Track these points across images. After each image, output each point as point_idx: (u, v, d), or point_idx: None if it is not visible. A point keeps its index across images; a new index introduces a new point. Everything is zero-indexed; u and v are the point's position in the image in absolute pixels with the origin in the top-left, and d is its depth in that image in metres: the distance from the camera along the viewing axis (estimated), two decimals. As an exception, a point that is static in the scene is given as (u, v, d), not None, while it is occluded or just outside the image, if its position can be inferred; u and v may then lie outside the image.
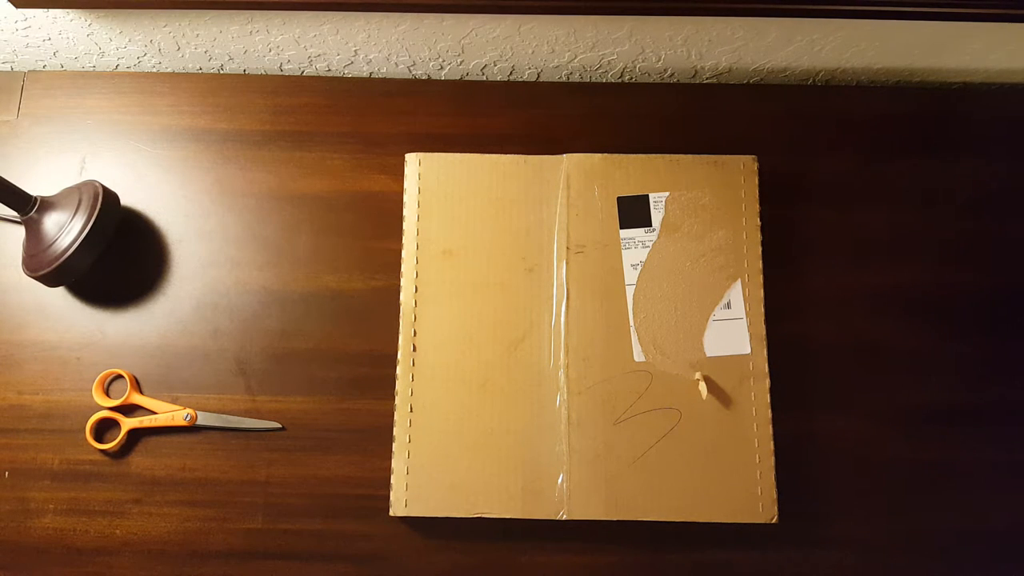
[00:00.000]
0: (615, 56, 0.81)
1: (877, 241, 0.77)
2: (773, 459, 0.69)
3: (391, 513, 0.68)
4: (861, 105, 0.82)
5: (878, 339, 0.75)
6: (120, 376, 0.73)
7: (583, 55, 0.81)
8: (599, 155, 0.74)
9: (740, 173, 0.74)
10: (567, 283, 0.72)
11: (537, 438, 0.69)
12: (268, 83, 0.81)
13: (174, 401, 0.73)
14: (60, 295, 0.75)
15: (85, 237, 0.70)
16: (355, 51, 0.81)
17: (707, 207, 0.74)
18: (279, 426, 0.72)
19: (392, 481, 0.69)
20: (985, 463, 0.72)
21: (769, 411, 0.69)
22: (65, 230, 0.70)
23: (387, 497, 0.69)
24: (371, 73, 0.85)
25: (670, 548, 0.70)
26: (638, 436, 0.69)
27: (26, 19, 0.76)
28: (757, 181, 0.74)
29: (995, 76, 0.84)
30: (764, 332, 0.71)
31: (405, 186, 0.75)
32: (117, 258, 0.75)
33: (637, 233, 0.73)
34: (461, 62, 0.83)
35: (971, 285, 0.76)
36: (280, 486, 0.71)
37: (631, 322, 0.71)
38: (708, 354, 0.71)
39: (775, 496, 0.68)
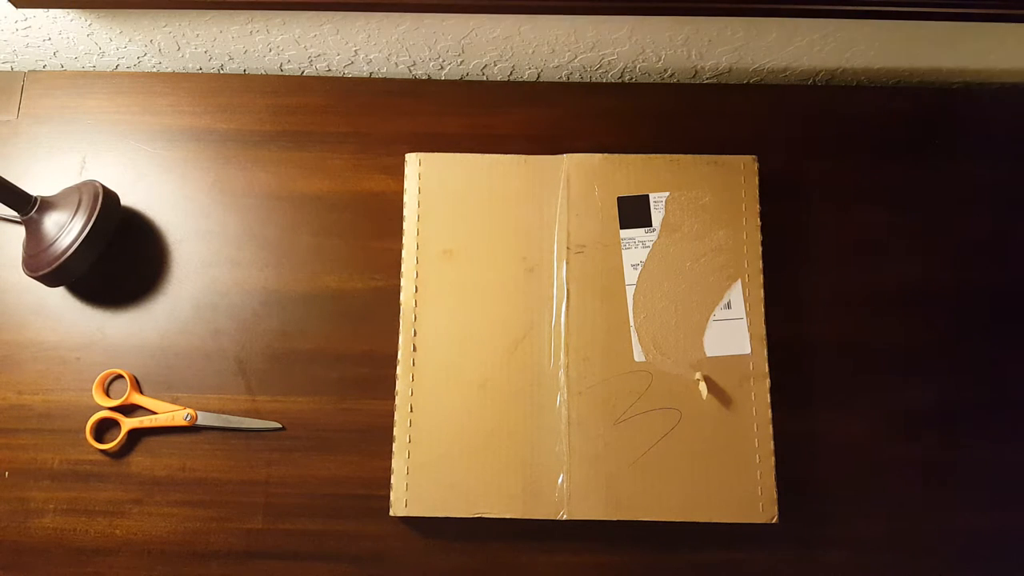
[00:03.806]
0: (615, 56, 0.81)
1: (877, 241, 0.77)
2: (773, 459, 0.69)
3: (391, 513, 0.68)
4: (861, 105, 0.82)
5: (878, 339, 0.75)
6: (120, 376, 0.73)
7: (583, 55, 0.81)
8: (599, 155, 0.74)
9: (740, 173, 0.74)
10: (567, 283, 0.72)
11: (537, 438, 0.69)
12: (268, 83, 0.81)
13: (174, 401, 0.73)
14: (60, 295, 0.75)
15: (85, 237, 0.70)
16: (355, 51, 0.81)
17: (707, 207, 0.74)
18: (279, 426, 0.72)
19: (392, 481, 0.69)
20: (985, 463, 0.72)
21: (769, 411, 0.69)
22: (65, 230, 0.70)
23: (387, 497, 0.69)
24: (371, 73, 0.85)
25: (670, 548, 0.70)
26: (638, 436, 0.69)
27: (26, 19, 0.76)
28: (757, 181, 0.74)
29: (995, 76, 0.84)
30: (764, 332, 0.71)
31: (405, 186, 0.75)
32: (117, 258, 0.75)
33: (637, 233, 0.73)
34: (461, 62, 0.83)
35: (971, 285, 0.76)
36: (280, 486, 0.71)
37: (631, 322, 0.71)
38: (708, 354, 0.71)
39: (775, 496, 0.68)
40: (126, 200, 0.76)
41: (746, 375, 0.70)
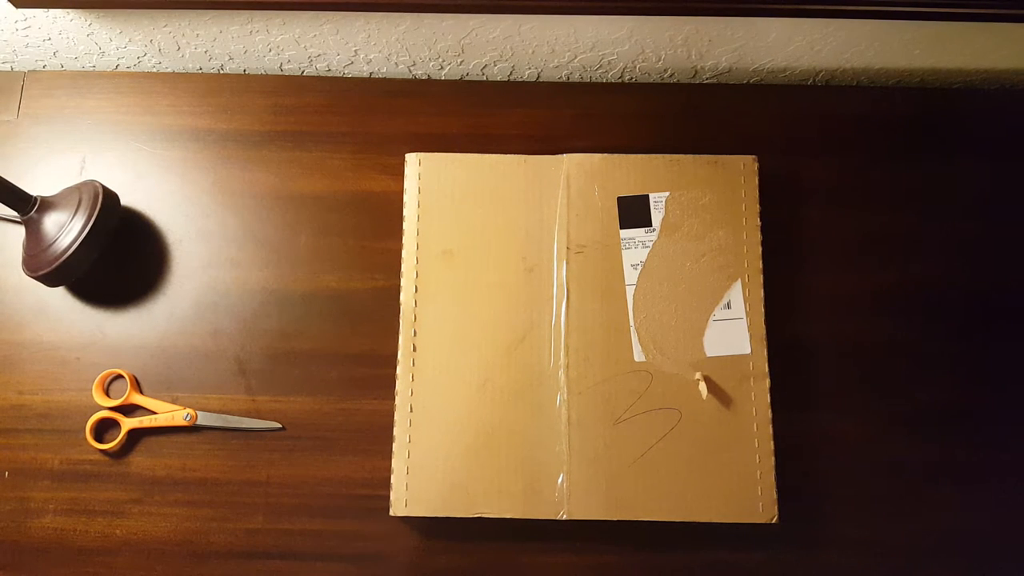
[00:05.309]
0: (615, 56, 0.81)
1: (877, 241, 0.77)
2: (773, 459, 0.69)
3: (391, 513, 0.68)
4: (861, 105, 0.82)
5: (878, 339, 0.75)
6: (120, 376, 0.73)
7: (583, 55, 0.81)
8: (599, 155, 0.74)
9: (740, 173, 0.74)
10: (567, 283, 0.72)
11: (537, 438, 0.69)
12: (268, 83, 0.81)
13: (174, 401, 0.73)
14: (60, 295, 0.75)
15: (85, 237, 0.70)
16: (355, 51, 0.81)
17: (707, 207, 0.74)
18: (279, 426, 0.72)
19: (392, 481, 0.69)
20: (985, 463, 0.72)
21: (769, 411, 0.69)
22: (65, 230, 0.70)
23: (387, 497, 0.69)
24: (371, 73, 0.85)
25: (670, 548, 0.70)
26: (638, 436, 0.69)
27: (26, 19, 0.76)
28: (757, 181, 0.74)
29: (995, 76, 0.84)
30: (764, 332, 0.71)
31: (405, 186, 0.75)
32: (117, 258, 0.75)
33: (637, 233, 0.73)
34: (461, 62, 0.83)
35: (971, 285, 0.76)
36: (280, 486, 0.71)
37: (631, 322, 0.71)
38: (708, 354, 0.71)
39: (775, 496, 0.68)
40: (126, 200, 0.76)
41: (746, 375, 0.70)
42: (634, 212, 0.73)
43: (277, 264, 0.76)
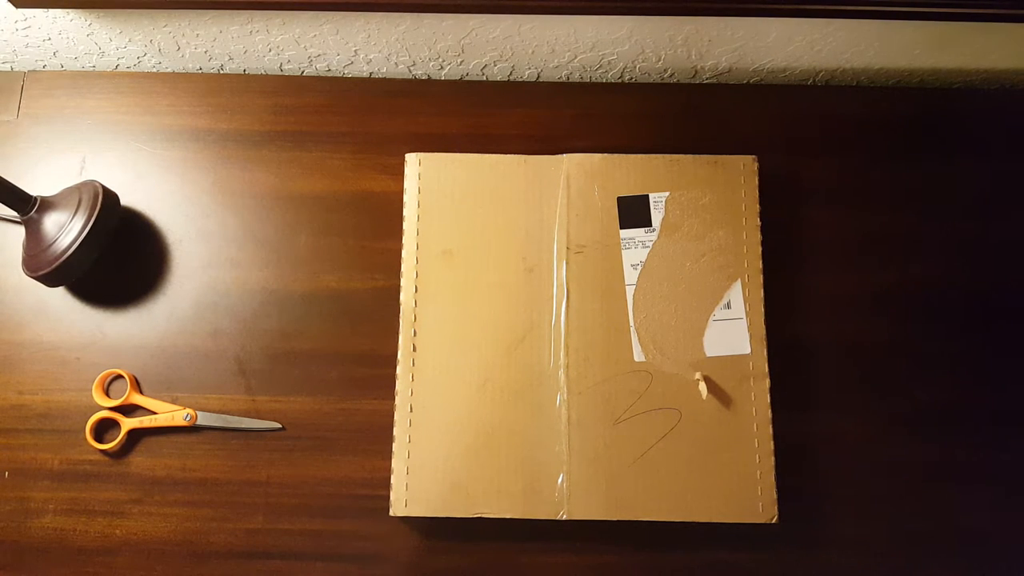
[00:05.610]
0: (615, 56, 0.81)
1: (877, 241, 0.77)
2: (773, 459, 0.69)
3: (391, 513, 0.68)
4: (861, 105, 0.82)
5: (878, 339, 0.75)
6: (120, 376, 0.73)
7: (583, 55, 0.81)
8: (599, 155, 0.74)
9: (740, 173, 0.74)
10: (567, 283, 0.72)
11: (537, 438, 0.69)
12: (268, 83, 0.81)
13: (174, 401, 0.73)
14: (60, 295, 0.75)
15: (85, 237, 0.70)
16: (355, 51, 0.81)
17: (707, 207, 0.74)
18: (279, 426, 0.72)
19: (392, 481, 0.69)
20: (984, 463, 0.72)
21: (769, 411, 0.69)
22: (65, 230, 0.70)
23: (387, 497, 0.69)
24: (371, 73, 0.85)
25: (670, 548, 0.70)
26: (638, 436, 0.69)
27: (26, 19, 0.76)
28: (757, 181, 0.74)
29: (995, 76, 0.84)
30: (764, 332, 0.71)
31: (405, 186, 0.75)
32: (117, 258, 0.75)
33: (637, 233, 0.73)
34: (461, 62, 0.83)
35: (970, 285, 0.76)
36: (280, 486, 0.71)
37: (631, 322, 0.71)
38: (708, 354, 0.71)
39: (775, 496, 0.68)
40: (126, 200, 0.76)
41: (746, 375, 0.70)
42: (634, 212, 0.73)
43: (277, 264, 0.76)
